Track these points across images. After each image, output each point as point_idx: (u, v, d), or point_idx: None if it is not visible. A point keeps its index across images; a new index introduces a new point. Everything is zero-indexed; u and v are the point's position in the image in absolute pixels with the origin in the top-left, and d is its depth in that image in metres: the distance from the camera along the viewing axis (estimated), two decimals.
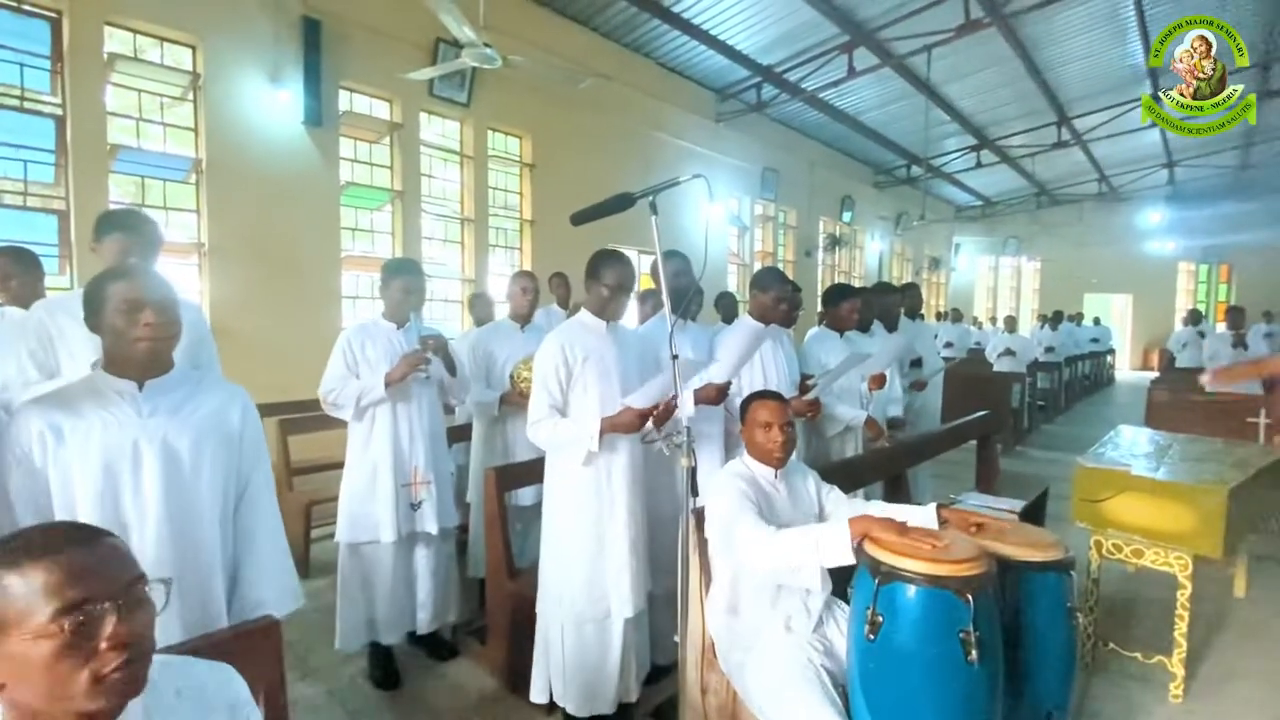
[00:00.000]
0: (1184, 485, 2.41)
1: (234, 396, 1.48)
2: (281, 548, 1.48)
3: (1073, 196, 16.28)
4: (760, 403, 1.89)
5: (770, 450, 1.85)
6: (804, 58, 8.24)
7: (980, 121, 11.27)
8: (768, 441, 1.84)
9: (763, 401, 1.89)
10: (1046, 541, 1.64)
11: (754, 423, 1.87)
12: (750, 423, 1.88)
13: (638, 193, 1.61)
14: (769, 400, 1.89)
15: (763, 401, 1.89)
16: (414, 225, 5.94)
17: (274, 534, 1.47)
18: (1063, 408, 10.11)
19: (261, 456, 1.48)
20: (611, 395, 2.07)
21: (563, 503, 2.12)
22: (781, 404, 1.89)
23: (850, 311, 3.21)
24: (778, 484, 1.88)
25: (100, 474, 1.30)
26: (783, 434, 1.83)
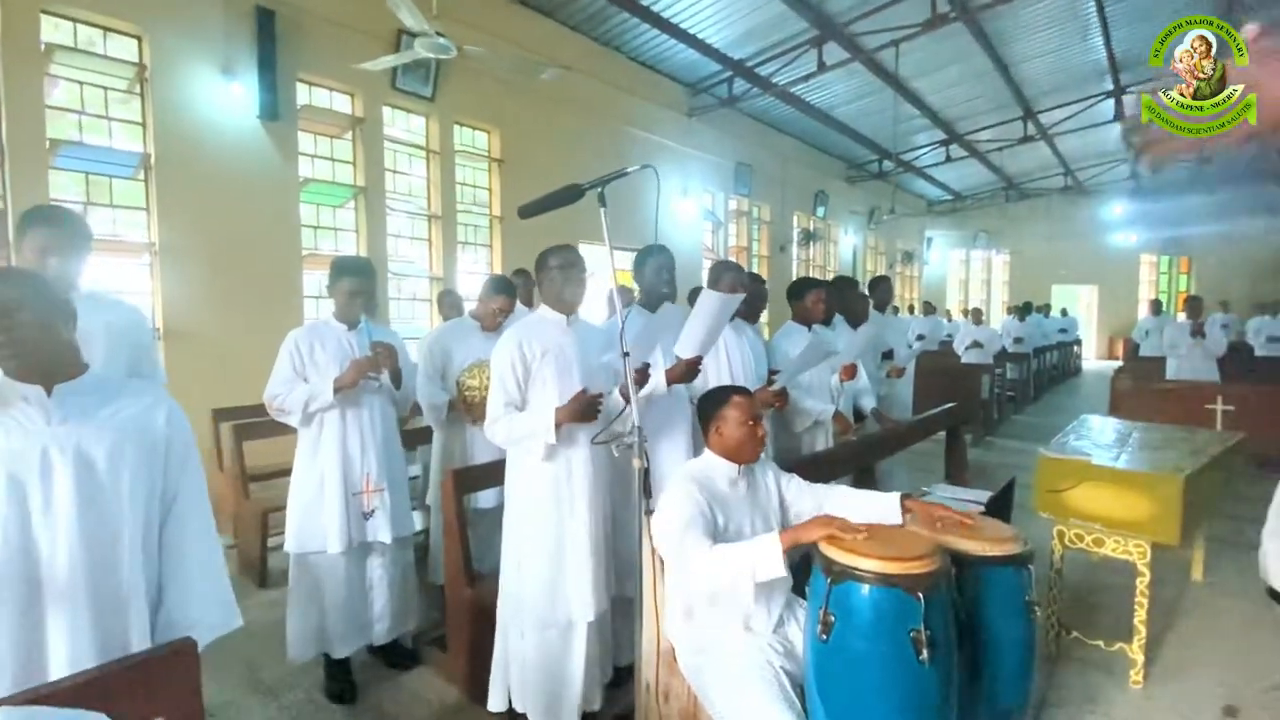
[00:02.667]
0: (1141, 474, 2.43)
1: (158, 401, 1.38)
2: (215, 564, 1.38)
3: (1040, 190, 16.58)
4: (739, 399, 1.83)
5: (755, 446, 1.80)
6: (774, 52, 8.23)
7: (949, 116, 11.39)
8: (751, 436, 1.79)
9: (741, 398, 1.82)
10: (1005, 535, 1.63)
11: (730, 420, 1.80)
12: (725, 420, 1.81)
13: (586, 184, 1.56)
14: (744, 397, 1.84)
15: (741, 398, 1.82)
16: (379, 222, 5.80)
17: (206, 550, 1.38)
18: (1032, 398, 10.29)
19: (191, 465, 1.38)
20: (572, 390, 2.01)
21: (522, 504, 2.06)
22: (752, 398, 1.85)
23: (815, 303, 3.19)
24: (738, 481, 1.83)
25: (4, 486, 1.21)
26: (761, 429, 1.80)
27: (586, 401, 1.93)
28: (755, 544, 1.53)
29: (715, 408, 1.85)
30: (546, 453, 1.97)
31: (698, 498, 1.67)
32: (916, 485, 4.36)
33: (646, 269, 2.50)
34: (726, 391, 1.88)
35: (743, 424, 1.79)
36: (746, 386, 2.68)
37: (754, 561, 1.50)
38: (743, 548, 1.53)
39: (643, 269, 2.52)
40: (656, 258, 2.48)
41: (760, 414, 1.83)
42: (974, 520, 1.66)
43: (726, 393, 1.87)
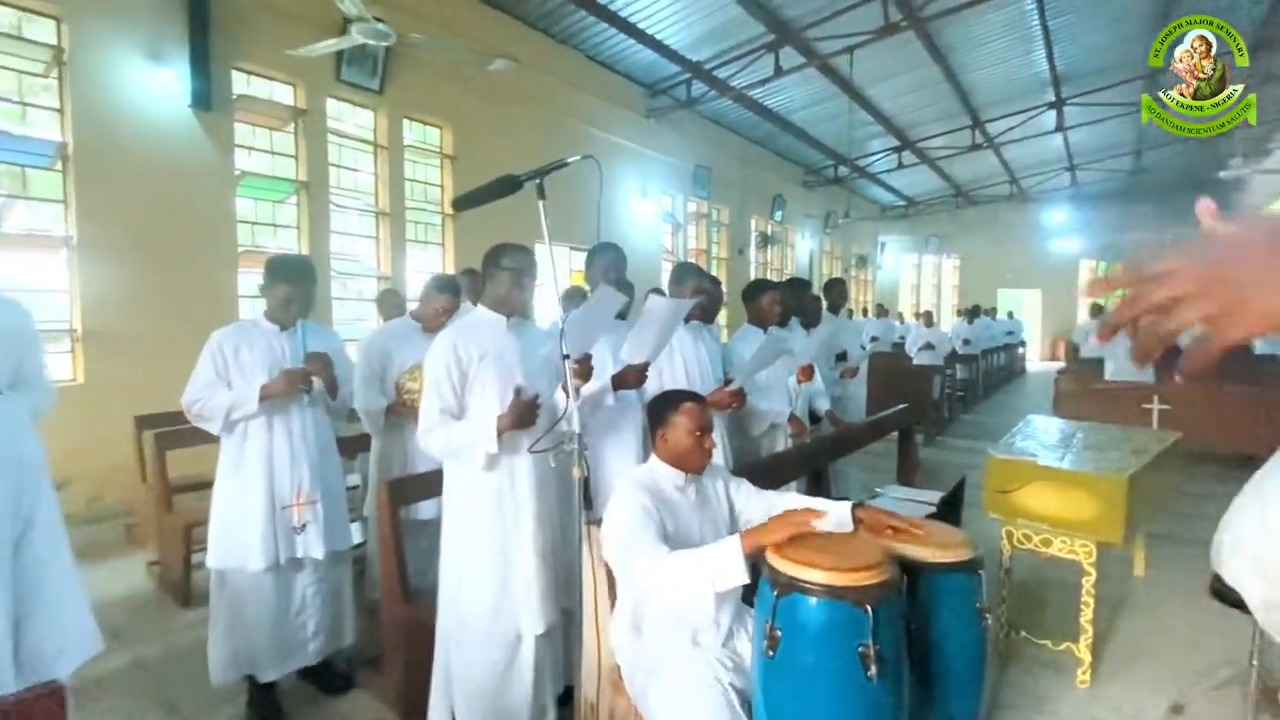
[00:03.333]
0: (1087, 474, 2.46)
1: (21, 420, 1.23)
2: (73, 588, 1.24)
3: (987, 197, 17.15)
4: (690, 406, 1.74)
5: (701, 457, 1.73)
6: (732, 55, 8.25)
7: (901, 123, 11.66)
8: (698, 448, 1.71)
9: (692, 406, 1.74)
10: (956, 541, 1.60)
11: (678, 427, 1.72)
12: (672, 426, 1.73)
13: (524, 175, 1.46)
14: (696, 404, 1.75)
15: (692, 406, 1.74)
16: (322, 218, 5.55)
17: (64, 574, 1.23)
18: (980, 398, 10.60)
19: (45, 487, 1.23)
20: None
21: (462, 515, 1.94)
22: (705, 405, 1.77)
23: (771, 304, 3.16)
24: (686, 489, 1.76)
25: None
26: (710, 440, 1.72)
27: (525, 405, 1.83)
28: (714, 550, 1.45)
29: (664, 412, 1.77)
30: (488, 462, 1.86)
31: (646, 503, 1.59)
32: (869, 485, 4.39)
33: (595, 268, 2.42)
34: (678, 397, 1.79)
35: (690, 433, 1.71)
36: (701, 391, 2.63)
37: (714, 569, 1.42)
38: (701, 554, 1.45)
39: (592, 268, 2.44)
40: (604, 256, 2.39)
41: (710, 425, 1.75)
42: (924, 526, 1.62)
43: (677, 398, 1.78)
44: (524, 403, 1.83)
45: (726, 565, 1.41)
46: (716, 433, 2.44)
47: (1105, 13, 8.50)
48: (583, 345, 1.85)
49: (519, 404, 1.83)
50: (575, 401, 1.50)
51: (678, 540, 1.60)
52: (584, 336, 1.81)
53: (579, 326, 1.75)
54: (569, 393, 1.49)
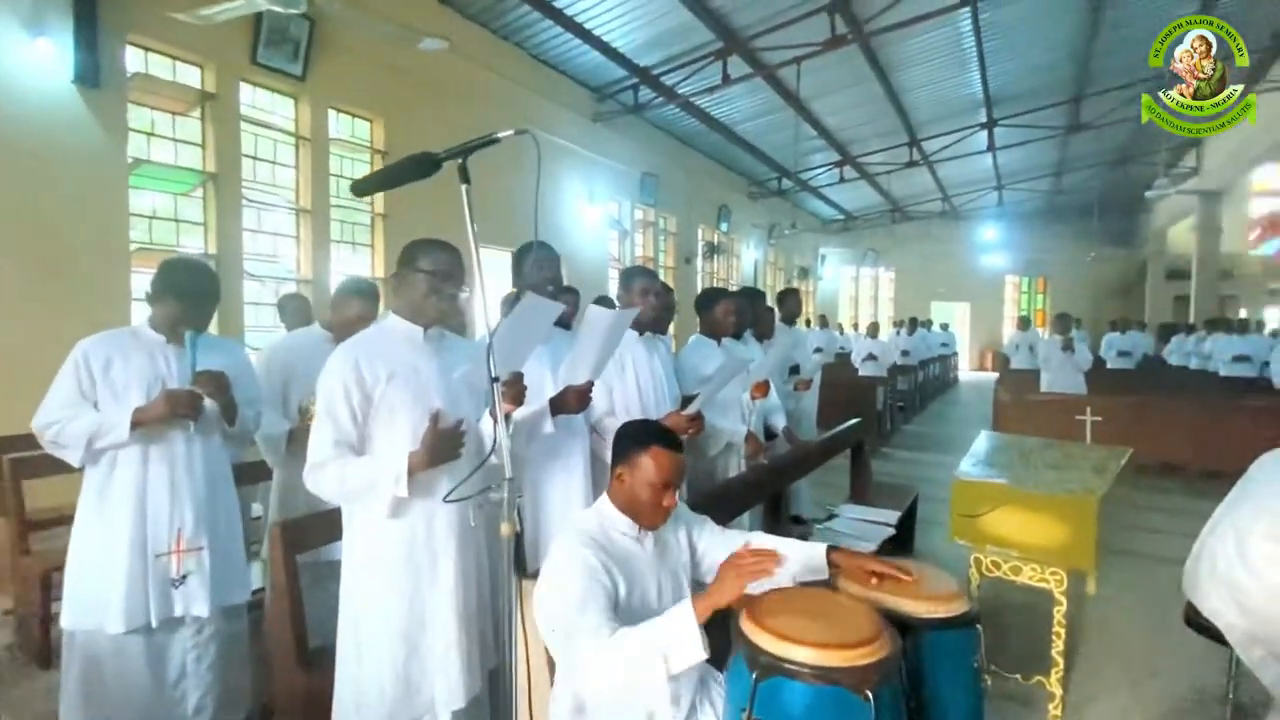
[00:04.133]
0: (1056, 496, 2.35)
1: None
2: None
3: (921, 213, 17.79)
4: (661, 452, 1.43)
5: (656, 516, 1.45)
6: (680, 62, 8.14)
7: (843, 138, 11.88)
8: (656, 505, 1.43)
9: (664, 453, 1.43)
10: (948, 591, 1.41)
11: (641, 473, 1.42)
12: (635, 468, 1.43)
13: (442, 152, 1.18)
14: (670, 452, 1.44)
15: (664, 453, 1.43)
16: (232, 214, 5.01)
17: None
18: (919, 408, 10.84)
19: None
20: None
21: (364, 569, 1.60)
22: (680, 454, 1.47)
23: (725, 314, 2.96)
24: (643, 538, 1.49)
25: None
26: (671, 498, 1.44)
27: (445, 435, 1.52)
28: (665, 623, 1.19)
29: (631, 448, 1.46)
30: (393, 507, 1.54)
31: (593, 562, 1.32)
32: (822, 502, 4.27)
33: (524, 268, 2.11)
34: (651, 435, 1.47)
35: (651, 485, 1.42)
36: (655, 411, 2.39)
37: (666, 646, 1.16)
38: (650, 631, 1.19)
39: (520, 269, 2.13)
40: (535, 253, 2.05)
41: (679, 479, 1.46)
42: (910, 570, 1.43)
43: (651, 437, 1.47)
44: (443, 432, 1.52)
45: (680, 642, 1.17)
46: None
47: (1034, 40, 8.88)
48: (512, 362, 1.57)
49: (437, 433, 1.51)
50: (506, 433, 1.22)
51: (632, 608, 1.33)
52: (513, 352, 1.53)
53: (506, 341, 1.48)
54: (498, 422, 1.21)
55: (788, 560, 1.55)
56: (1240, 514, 1.97)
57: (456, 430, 1.55)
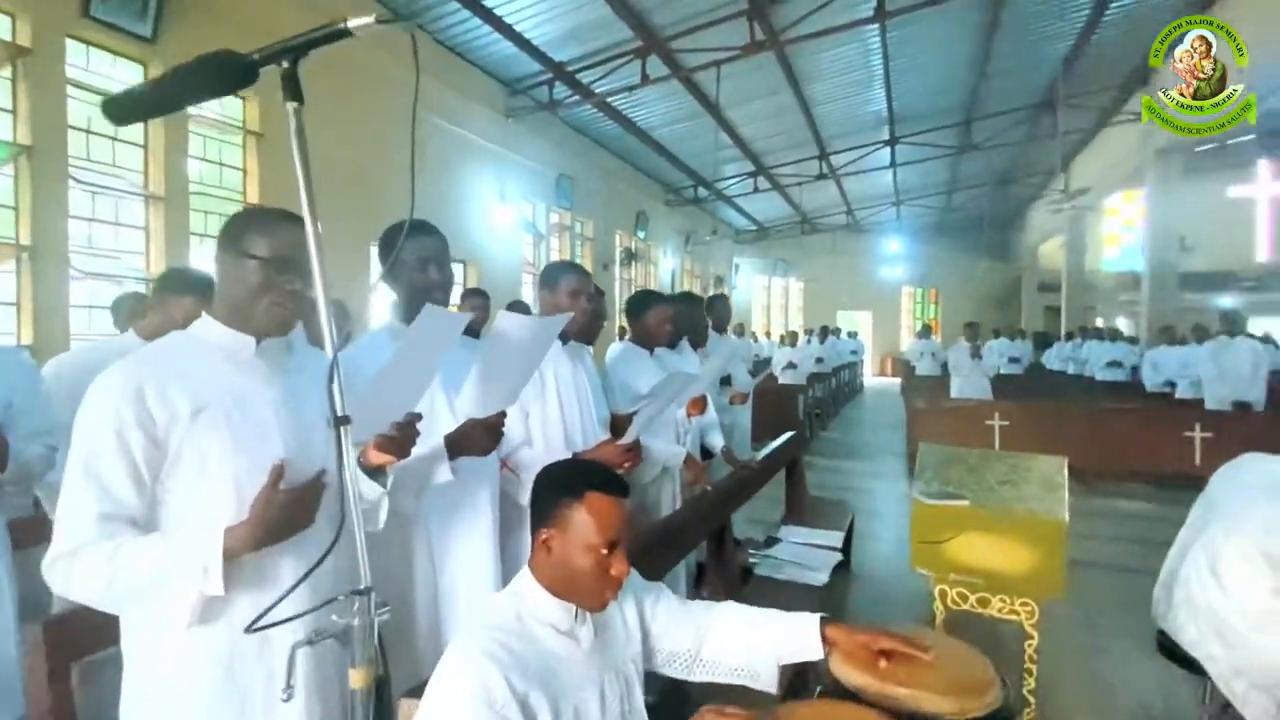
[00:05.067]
0: (1021, 520, 2.18)
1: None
2: None
3: (827, 226, 18.49)
4: (599, 499, 1.05)
5: (603, 591, 1.06)
6: (597, 59, 7.81)
7: (758, 149, 12.02)
8: (601, 576, 1.04)
9: (605, 498, 1.06)
10: (980, 678, 1.10)
11: (574, 534, 1.04)
12: (565, 529, 1.05)
13: (257, 53, 0.75)
14: (615, 496, 1.07)
15: (605, 498, 1.06)
16: (54, 196, 4.10)
17: None
18: (833, 415, 11.05)
19: None
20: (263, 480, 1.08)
21: (153, 710, 1.06)
22: (623, 497, 1.10)
23: (660, 322, 2.61)
24: (578, 630, 1.09)
25: None
26: (622, 563, 1.05)
27: (290, 499, 1.04)
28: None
29: (559, 501, 1.07)
30: (202, 613, 1.03)
31: (498, 692, 0.90)
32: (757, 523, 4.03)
33: (398, 263, 1.54)
34: (584, 478, 1.09)
35: (592, 548, 1.04)
36: (581, 440, 1.98)
37: None
38: None
39: (393, 265, 1.55)
40: (413, 240, 1.52)
41: (625, 534, 1.08)
42: (926, 645, 1.12)
43: (583, 480, 1.08)
44: (287, 496, 1.04)
45: None
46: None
47: (934, 62, 9.31)
48: (402, 402, 1.13)
49: (277, 497, 1.03)
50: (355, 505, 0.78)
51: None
52: (403, 389, 1.10)
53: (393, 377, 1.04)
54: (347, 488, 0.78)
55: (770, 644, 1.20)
56: (1210, 537, 1.84)
57: (311, 490, 1.07)
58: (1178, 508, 2.11)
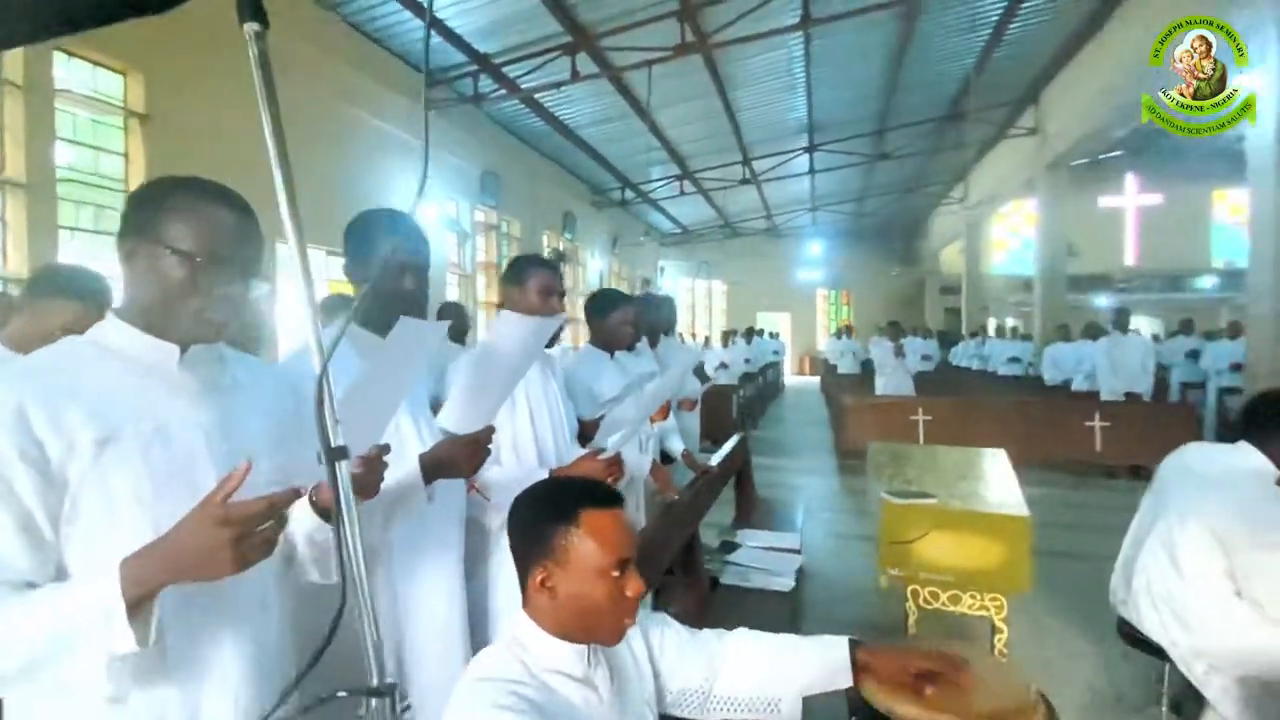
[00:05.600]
0: (989, 515, 2.21)
1: None
2: None
3: (749, 230, 18.97)
4: (597, 515, 0.93)
5: (622, 616, 0.93)
6: (525, 52, 7.56)
7: (684, 152, 12.10)
8: (618, 600, 0.91)
9: (603, 513, 0.93)
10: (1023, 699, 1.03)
11: (580, 563, 0.90)
12: (566, 560, 0.91)
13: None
14: (613, 509, 0.95)
15: (603, 513, 0.93)
16: None
17: None
18: (761, 413, 11.29)
19: None
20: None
21: None
22: (621, 508, 0.97)
23: (622, 323, 2.48)
24: (594, 674, 0.94)
25: None
26: (637, 582, 0.92)
27: (227, 539, 0.76)
28: None
29: (550, 528, 0.93)
30: (116, 679, 0.77)
31: None
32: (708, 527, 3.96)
33: (361, 243, 1.34)
34: (574, 496, 0.96)
35: (602, 572, 0.91)
36: (558, 452, 1.81)
37: None
38: None
39: (360, 252, 1.34)
40: (394, 239, 1.31)
41: (634, 548, 0.95)
42: (961, 662, 1.05)
43: (573, 498, 0.95)
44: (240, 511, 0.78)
45: None
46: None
47: (850, 74, 9.69)
48: (369, 432, 0.93)
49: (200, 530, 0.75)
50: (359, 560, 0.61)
51: None
52: (371, 415, 0.90)
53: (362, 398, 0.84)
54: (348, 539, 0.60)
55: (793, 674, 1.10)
56: (1165, 526, 1.92)
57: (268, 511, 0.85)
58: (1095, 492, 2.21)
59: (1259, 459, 1.86)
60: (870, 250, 20.74)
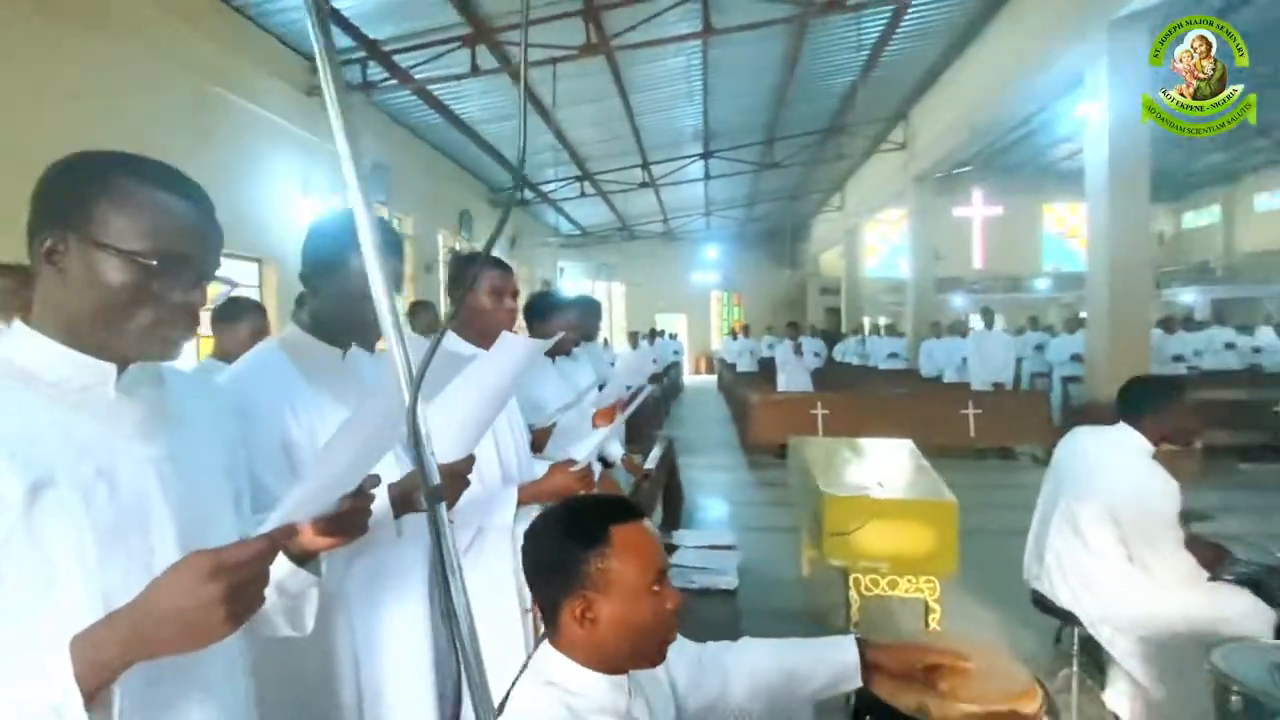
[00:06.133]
0: (921, 502, 2.37)
1: None
2: None
3: (646, 233, 19.28)
4: (628, 530, 0.89)
5: (664, 632, 0.89)
6: (420, 42, 7.16)
7: (585, 154, 12.05)
8: (662, 617, 0.88)
9: (633, 527, 0.89)
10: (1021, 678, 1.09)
11: (622, 582, 0.86)
12: (607, 581, 0.86)
13: None
14: (640, 522, 0.91)
15: (633, 527, 0.89)
16: None
17: None
18: (665, 413, 11.49)
19: None
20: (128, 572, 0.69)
21: None
22: (644, 517, 0.94)
23: (564, 328, 2.40)
24: (635, 705, 0.90)
25: None
26: (676, 595, 0.89)
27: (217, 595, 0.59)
28: None
29: (577, 560, 0.87)
30: None
31: None
32: None
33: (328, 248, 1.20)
34: (600, 515, 0.91)
35: (645, 591, 0.87)
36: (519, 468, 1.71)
37: None
38: None
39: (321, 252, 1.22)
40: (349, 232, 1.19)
41: (665, 556, 0.92)
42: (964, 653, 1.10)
43: (600, 517, 0.90)
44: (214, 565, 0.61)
45: None
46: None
47: (743, 85, 10.12)
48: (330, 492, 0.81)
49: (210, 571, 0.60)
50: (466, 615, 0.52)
51: None
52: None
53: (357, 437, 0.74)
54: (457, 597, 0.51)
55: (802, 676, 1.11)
56: (1066, 505, 2.16)
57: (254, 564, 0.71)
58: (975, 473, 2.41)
59: (1137, 438, 2.13)
60: (760, 254, 21.79)
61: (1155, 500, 1.99)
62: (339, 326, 1.18)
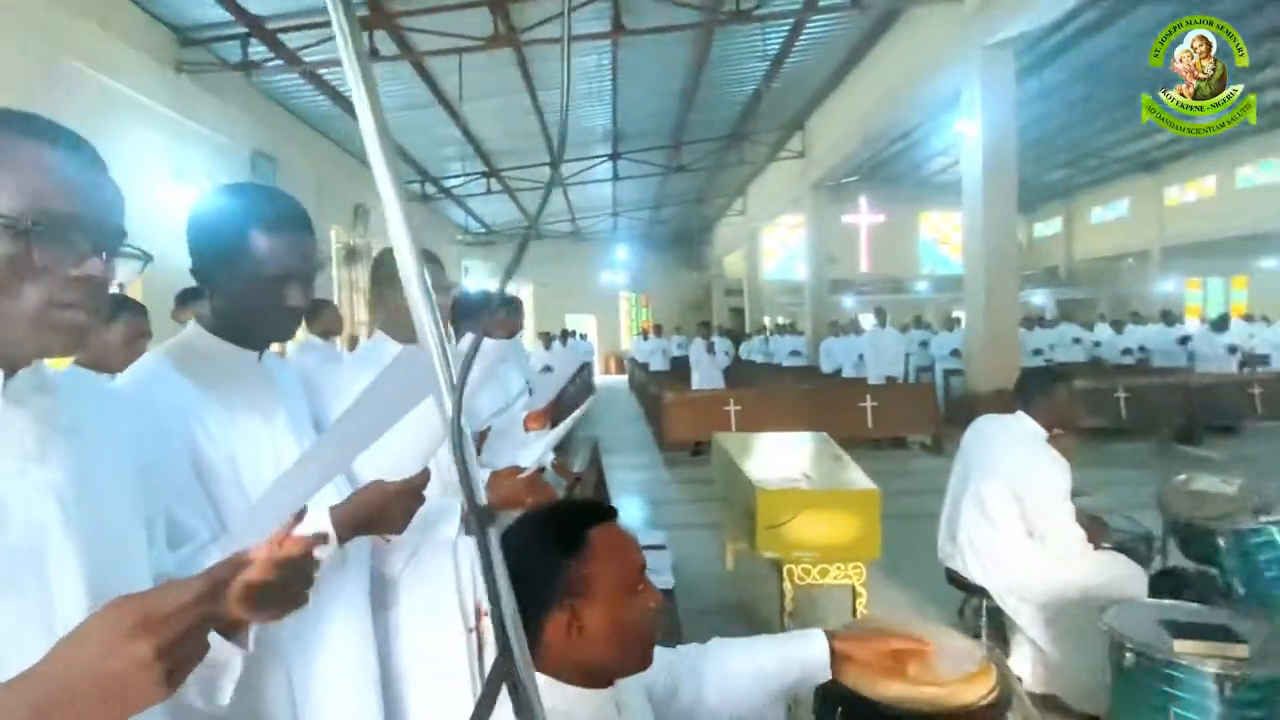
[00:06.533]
0: (846, 492, 2.47)
1: None
2: None
3: (553, 233, 19.06)
4: (606, 532, 0.86)
5: (651, 633, 0.86)
6: (309, 20, 6.63)
7: (490, 149, 11.70)
8: (646, 619, 0.85)
9: (611, 528, 0.87)
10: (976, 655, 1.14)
11: (607, 584, 0.82)
12: (593, 587, 0.82)
13: None
14: (616, 522, 0.89)
15: (611, 528, 0.87)
16: None
17: None
18: None
19: None
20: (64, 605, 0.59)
21: None
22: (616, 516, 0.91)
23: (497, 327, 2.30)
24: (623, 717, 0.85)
25: None
26: (659, 596, 0.88)
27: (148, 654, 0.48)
28: None
29: (558, 568, 0.83)
30: None
31: None
32: None
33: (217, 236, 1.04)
34: (566, 519, 0.89)
35: (630, 589, 0.84)
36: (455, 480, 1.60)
37: None
38: None
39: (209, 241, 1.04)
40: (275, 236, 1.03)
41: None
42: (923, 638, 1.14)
43: (576, 520, 0.87)
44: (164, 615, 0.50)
45: None
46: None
47: (652, 88, 10.23)
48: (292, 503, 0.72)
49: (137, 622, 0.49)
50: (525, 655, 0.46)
51: None
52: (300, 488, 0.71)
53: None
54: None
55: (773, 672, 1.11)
56: (974, 487, 2.34)
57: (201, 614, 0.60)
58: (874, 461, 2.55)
59: (1032, 424, 2.35)
60: (667, 256, 22.18)
61: (1050, 480, 2.20)
62: (249, 322, 1.04)
